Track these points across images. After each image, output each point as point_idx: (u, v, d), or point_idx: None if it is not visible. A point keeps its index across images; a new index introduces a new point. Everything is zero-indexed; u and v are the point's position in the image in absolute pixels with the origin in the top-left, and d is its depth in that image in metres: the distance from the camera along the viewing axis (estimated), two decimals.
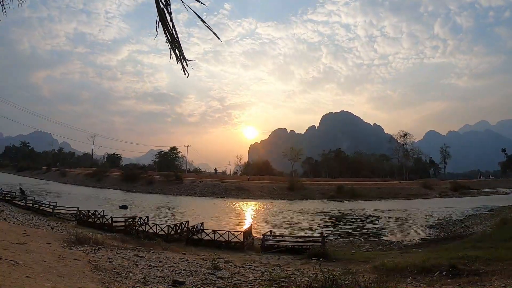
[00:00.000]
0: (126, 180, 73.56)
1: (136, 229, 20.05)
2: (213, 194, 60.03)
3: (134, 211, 33.40)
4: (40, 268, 7.02)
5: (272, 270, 11.04)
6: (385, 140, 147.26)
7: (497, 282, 7.52)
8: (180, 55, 2.78)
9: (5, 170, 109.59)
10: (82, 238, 12.56)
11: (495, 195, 64.67)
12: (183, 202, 49.16)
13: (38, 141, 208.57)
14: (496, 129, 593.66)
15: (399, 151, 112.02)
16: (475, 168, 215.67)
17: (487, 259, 10.51)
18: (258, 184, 67.61)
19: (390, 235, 25.68)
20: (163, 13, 2.68)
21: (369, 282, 7.27)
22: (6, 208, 25.79)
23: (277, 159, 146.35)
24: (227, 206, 45.75)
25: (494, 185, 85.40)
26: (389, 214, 38.32)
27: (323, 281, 6.50)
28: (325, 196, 59.54)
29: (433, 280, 8.71)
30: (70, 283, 6.30)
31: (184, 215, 33.32)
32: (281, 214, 37.74)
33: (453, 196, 64.08)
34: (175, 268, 9.52)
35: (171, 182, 69.63)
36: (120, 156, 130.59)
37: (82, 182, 77.88)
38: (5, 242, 9.64)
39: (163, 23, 2.70)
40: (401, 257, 14.27)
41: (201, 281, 8.20)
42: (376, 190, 65.75)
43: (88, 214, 23.88)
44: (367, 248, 19.54)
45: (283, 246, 17.84)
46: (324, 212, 39.97)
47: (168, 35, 2.72)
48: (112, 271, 7.95)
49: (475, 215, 34.14)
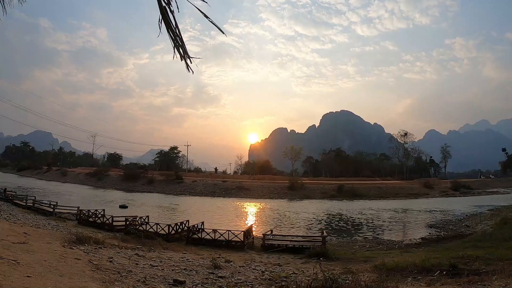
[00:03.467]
0: (126, 180, 73.57)
1: (136, 229, 20.03)
2: (214, 194, 60.02)
3: (134, 211, 33.40)
4: (40, 268, 7.03)
5: (272, 270, 11.05)
6: (385, 139, 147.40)
7: (498, 282, 7.52)
8: (184, 53, 2.77)
9: (5, 170, 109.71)
10: (82, 238, 12.57)
11: (495, 194, 64.65)
12: (184, 202, 49.14)
13: (38, 140, 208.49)
14: (497, 128, 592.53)
15: (399, 151, 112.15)
16: (475, 167, 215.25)
17: (487, 258, 10.51)
18: (259, 184, 67.57)
19: (390, 235, 25.67)
20: (165, 11, 2.67)
21: (369, 282, 7.27)
22: (6, 208, 25.81)
23: (278, 159, 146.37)
24: (227, 206, 45.73)
25: (495, 185, 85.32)
26: (390, 214, 38.30)
27: (323, 281, 6.51)
28: (325, 196, 59.53)
29: (433, 280, 8.70)
30: (71, 282, 6.31)
31: (185, 214, 33.32)
32: (281, 214, 37.72)
33: (454, 195, 64.08)
34: (176, 268, 9.53)
35: (171, 181, 69.63)
36: (121, 156, 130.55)
37: (83, 181, 77.90)
38: (5, 242, 9.65)
39: (166, 22, 2.70)
40: (402, 256, 14.29)
41: (202, 280, 8.20)
42: (376, 189, 65.77)
43: (89, 214, 23.90)
44: (368, 248, 19.53)
45: (284, 245, 17.83)
46: (324, 212, 39.97)
47: (171, 33, 2.72)
48: (112, 270, 7.96)
49: (476, 214, 34.12)
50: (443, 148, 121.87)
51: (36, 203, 28.74)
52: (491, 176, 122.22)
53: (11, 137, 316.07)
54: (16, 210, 25.52)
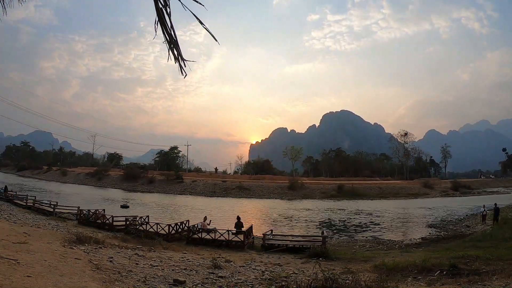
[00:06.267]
0: (126, 179, 73.61)
1: (136, 228, 20.04)
2: (214, 193, 60.04)
3: (134, 210, 33.42)
4: (41, 268, 7.03)
5: (272, 270, 11.04)
6: (385, 139, 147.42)
7: (498, 282, 7.53)
8: (178, 55, 2.78)
9: (5, 170, 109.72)
10: (82, 238, 12.58)
11: (495, 194, 64.61)
12: (184, 201, 49.14)
13: (38, 140, 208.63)
14: (497, 128, 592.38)
15: (399, 151, 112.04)
16: (475, 167, 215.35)
17: (487, 258, 10.52)
18: (259, 183, 67.58)
19: (390, 235, 25.65)
20: (161, 13, 2.68)
21: (369, 281, 7.27)
22: (6, 208, 25.82)
23: (278, 159, 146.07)
24: (227, 205, 45.73)
25: (495, 185, 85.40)
26: (390, 214, 38.29)
27: (323, 280, 6.51)
28: (325, 195, 59.54)
29: (433, 280, 8.71)
30: (71, 282, 6.31)
31: (185, 214, 33.33)
32: (281, 213, 37.72)
33: (454, 195, 64.09)
34: (176, 267, 9.53)
35: (171, 181, 69.64)
36: (121, 156, 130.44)
37: (83, 181, 77.96)
38: (6, 242, 9.66)
39: (162, 23, 2.71)
40: (402, 256, 14.29)
41: (202, 280, 8.20)
42: (376, 189, 65.81)
43: (89, 214, 23.91)
44: (368, 248, 19.54)
45: (284, 245, 17.83)
46: (324, 211, 39.96)
47: (167, 35, 2.73)
48: (112, 270, 7.96)
49: (476, 214, 34.04)
50: (443, 148, 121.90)
51: (36, 203, 28.75)
52: (491, 176, 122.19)
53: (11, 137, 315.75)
54: (16, 210, 25.54)
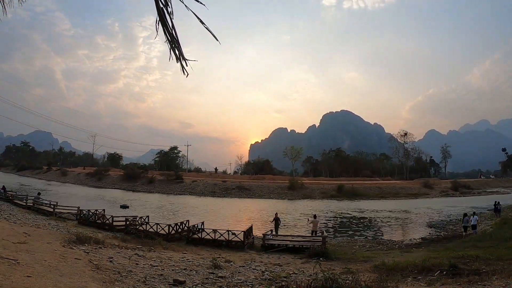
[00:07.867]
0: (126, 180, 73.62)
1: (136, 229, 20.03)
2: (214, 194, 60.02)
3: (134, 211, 33.43)
4: (41, 268, 7.04)
5: (272, 270, 11.04)
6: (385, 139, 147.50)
7: (498, 282, 7.53)
8: (179, 55, 2.78)
9: (5, 170, 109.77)
10: (82, 238, 12.58)
11: (495, 194, 64.58)
12: (184, 201, 49.13)
13: (38, 140, 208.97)
14: (497, 128, 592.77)
15: (399, 151, 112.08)
16: (475, 167, 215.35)
17: (487, 258, 10.52)
18: (259, 183, 67.59)
19: (390, 235, 25.66)
20: (162, 13, 2.68)
21: (369, 282, 7.27)
22: (6, 208, 25.81)
23: (278, 159, 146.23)
24: (227, 205, 45.74)
25: (495, 185, 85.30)
26: (390, 214, 38.28)
27: (323, 280, 6.51)
28: (325, 196, 59.52)
29: (433, 280, 8.70)
30: (71, 282, 6.31)
31: (185, 214, 33.32)
32: (281, 213, 37.64)
33: (454, 195, 64.07)
34: (176, 268, 9.53)
35: (171, 181, 69.65)
36: (121, 156, 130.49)
37: (83, 181, 77.97)
38: (6, 242, 9.66)
39: (163, 23, 2.70)
40: (402, 256, 14.29)
41: (202, 280, 8.20)
42: (376, 189, 65.79)
43: (89, 214, 23.88)
44: (368, 248, 19.53)
45: (284, 245, 17.81)
46: (324, 211, 39.94)
47: (168, 35, 2.72)
48: (112, 270, 7.96)
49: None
50: (443, 148, 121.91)
51: (36, 203, 28.72)
52: (491, 176, 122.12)
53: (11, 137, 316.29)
54: (16, 210, 25.51)
